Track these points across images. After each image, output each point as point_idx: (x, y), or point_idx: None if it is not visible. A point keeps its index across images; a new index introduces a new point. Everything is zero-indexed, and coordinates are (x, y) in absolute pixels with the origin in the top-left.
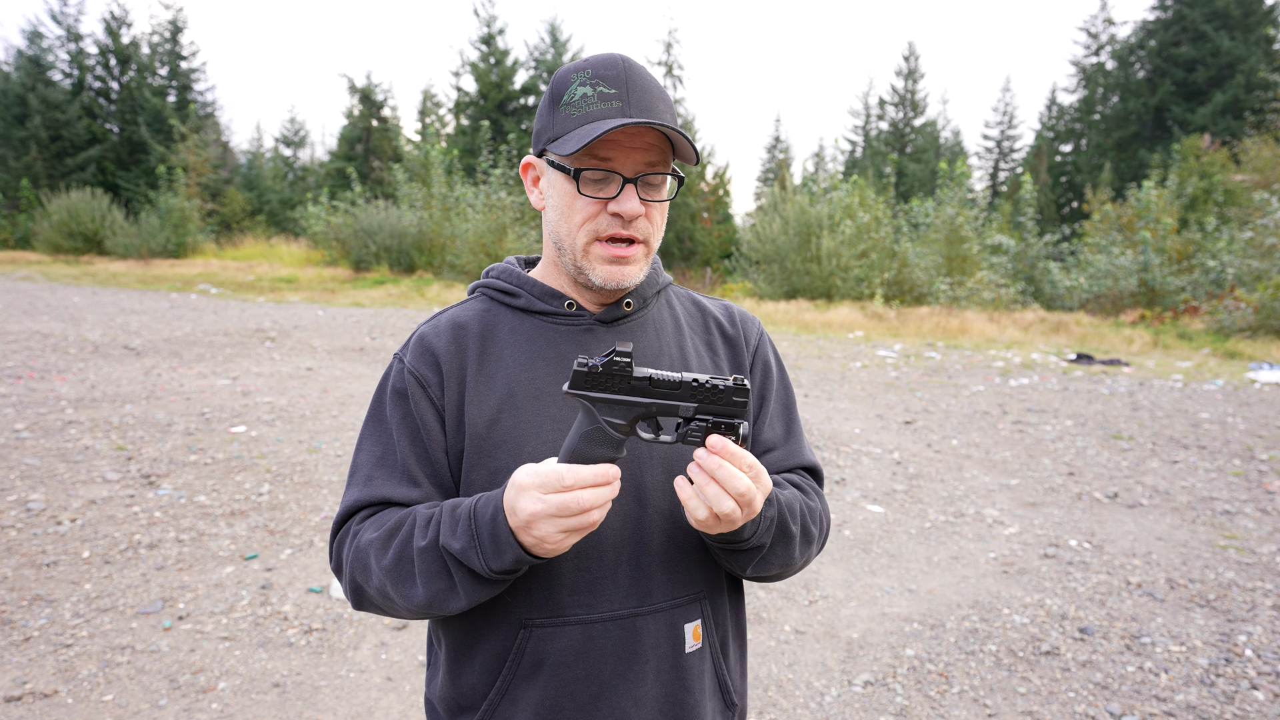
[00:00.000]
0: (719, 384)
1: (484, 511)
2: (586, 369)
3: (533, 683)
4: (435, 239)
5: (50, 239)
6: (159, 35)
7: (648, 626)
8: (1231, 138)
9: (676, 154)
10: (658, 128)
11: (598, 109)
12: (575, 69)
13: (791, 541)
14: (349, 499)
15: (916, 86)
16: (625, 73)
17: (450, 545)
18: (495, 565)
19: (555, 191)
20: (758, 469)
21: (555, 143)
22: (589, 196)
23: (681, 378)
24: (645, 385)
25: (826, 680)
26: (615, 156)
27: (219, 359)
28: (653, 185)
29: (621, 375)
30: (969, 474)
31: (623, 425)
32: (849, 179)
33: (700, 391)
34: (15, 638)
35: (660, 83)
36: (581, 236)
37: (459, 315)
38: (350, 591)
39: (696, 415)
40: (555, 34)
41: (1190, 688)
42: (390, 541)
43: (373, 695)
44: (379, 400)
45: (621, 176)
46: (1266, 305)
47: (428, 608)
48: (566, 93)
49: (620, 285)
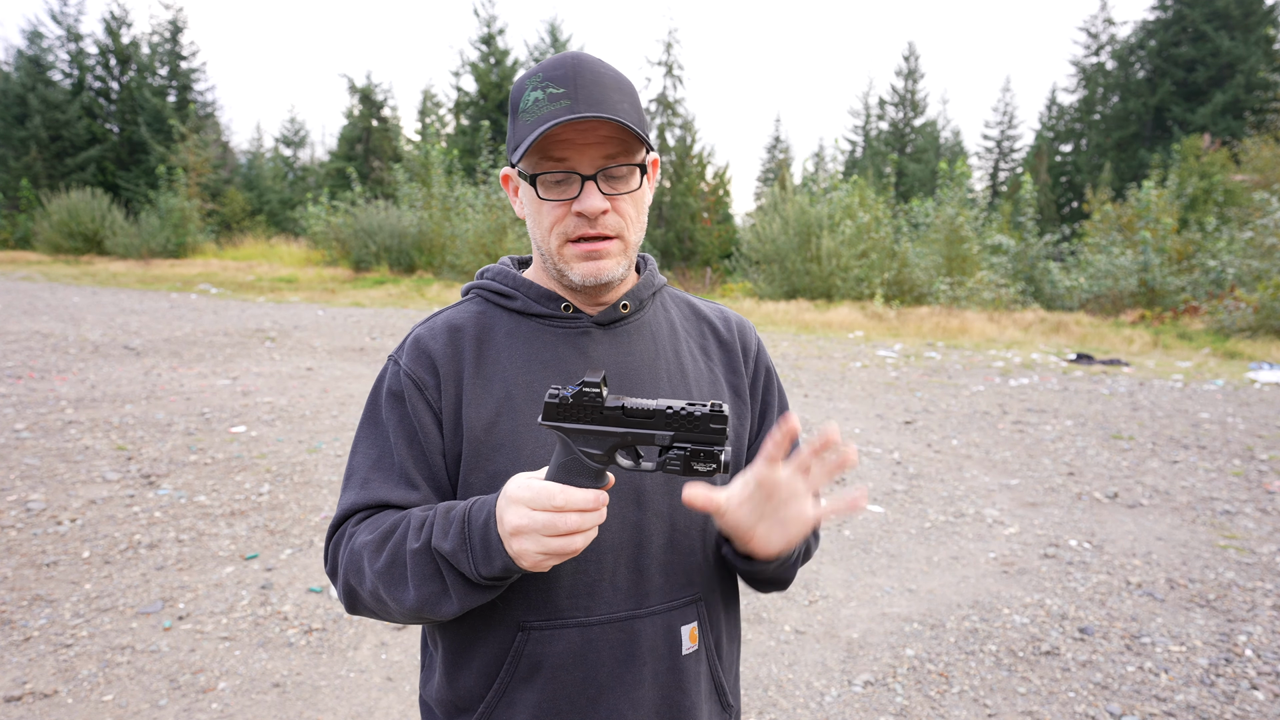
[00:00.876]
0: (695, 411)
1: (477, 516)
2: (557, 400)
3: (530, 685)
4: (435, 239)
5: (50, 239)
6: (159, 35)
7: (645, 629)
8: (1231, 138)
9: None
10: (603, 118)
11: (547, 110)
12: (529, 75)
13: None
14: (345, 502)
15: (916, 86)
16: (574, 70)
17: (442, 547)
18: (485, 571)
19: (526, 199)
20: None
21: (515, 152)
22: (550, 200)
23: (656, 406)
24: (619, 414)
25: (826, 680)
26: (570, 155)
27: (219, 359)
28: (616, 178)
29: (593, 406)
30: (969, 474)
31: (599, 455)
32: (849, 179)
33: (676, 420)
34: (15, 638)
35: (616, 71)
36: (554, 240)
37: (455, 317)
38: (344, 595)
39: (674, 444)
40: (555, 34)
41: (1190, 688)
42: (384, 544)
43: (373, 695)
44: (374, 403)
45: (580, 175)
46: (1266, 305)
47: (419, 611)
48: (522, 100)
49: (599, 280)
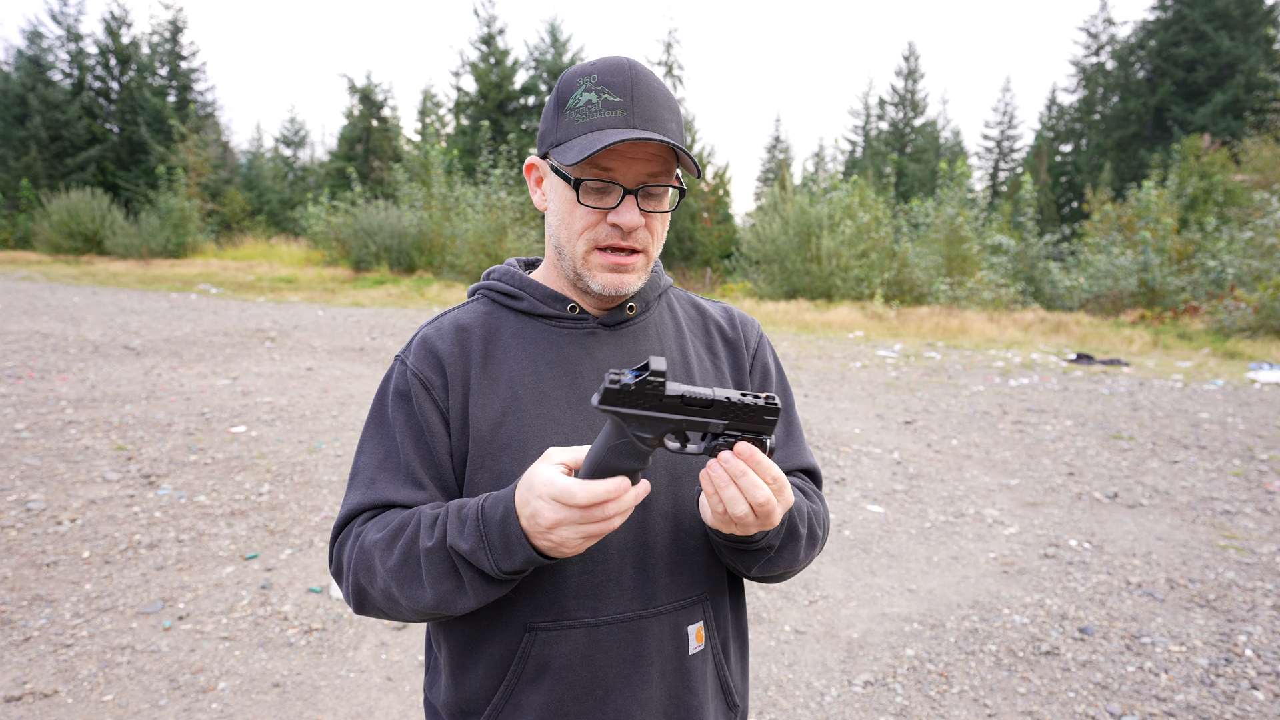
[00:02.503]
0: (750, 402)
1: (493, 512)
2: (619, 386)
3: (538, 686)
4: (435, 239)
5: (50, 239)
6: (159, 35)
7: (652, 629)
8: (1231, 138)
9: (680, 163)
10: (658, 140)
11: (601, 117)
12: (582, 72)
13: (799, 543)
14: (351, 502)
15: (916, 86)
16: (631, 80)
17: (459, 545)
18: (505, 566)
19: (556, 197)
20: (781, 482)
21: (558, 149)
22: (589, 206)
23: (714, 396)
24: (677, 403)
25: (826, 680)
26: (617, 167)
27: (219, 359)
28: (654, 196)
29: (654, 394)
30: (969, 474)
31: (651, 439)
32: (849, 179)
33: (731, 409)
34: (15, 638)
35: (666, 88)
36: (581, 245)
37: (462, 317)
38: (352, 594)
39: (726, 432)
40: (555, 34)
41: (1190, 688)
42: (395, 542)
43: (373, 695)
44: (380, 402)
45: (622, 188)
46: (1266, 305)
47: (435, 609)
48: (572, 97)
49: (619, 293)
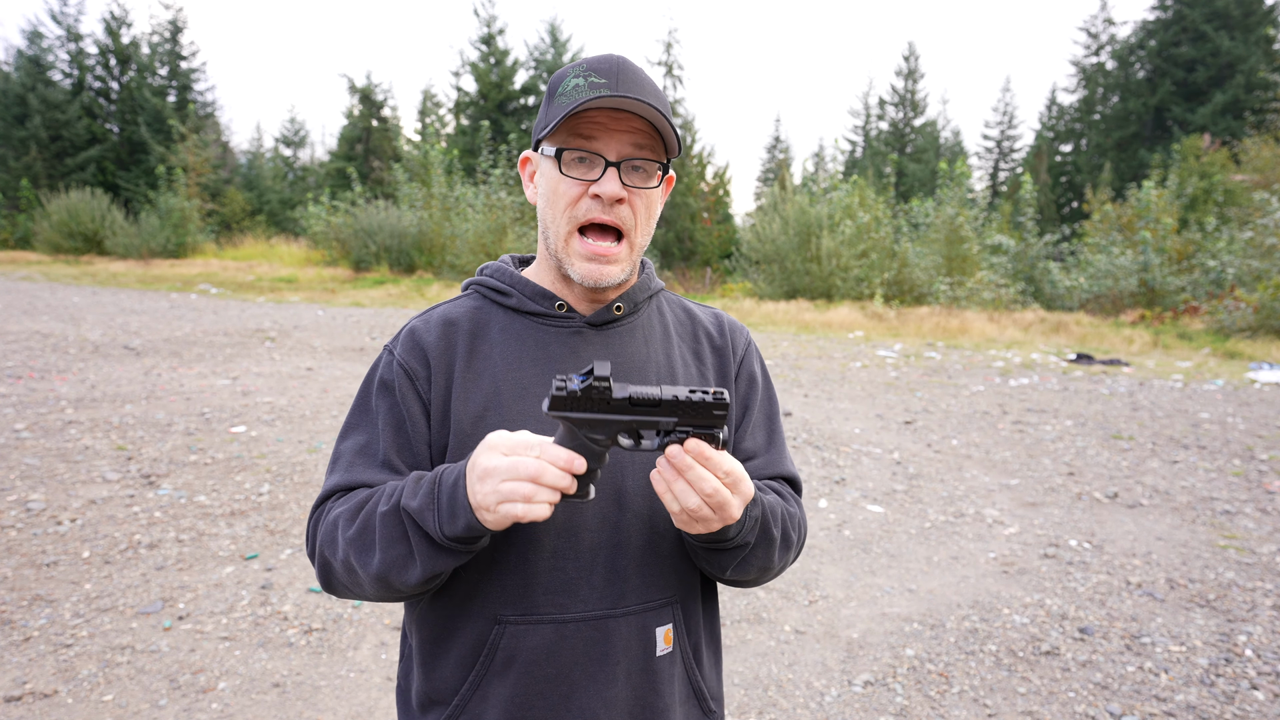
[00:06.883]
0: (698, 399)
1: (449, 476)
2: (565, 393)
3: (504, 679)
4: (435, 239)
5: (50, 239)
6: (159, 35)
7: (619, 628)
8: (1231, 138)
9: (664, 144)
10: (639, 113)
11: (586, 96)
12: (573, 66)
13: (772, 544)
14: (328, 484)
15: (916, 86)
16: (618, 66)
17: (409, 505)
18: (448, 530)
19: (544, 179)
20: (736, 475)
21: (543, 130)
22: (571, 177)
23: (661, 395)
24: (625, 405)
25: (826, 680)
26: (599, 136)
27: (219, 359)
28: (638, 170)
29: (602, 398)
30: (969, 474)
31: (603, 440)
32: (849, 179)
33: (680, 406)
34: (15, 638)
35: (658, 84)
36: (564, 223)
37: (450, 311)
38: (319, 570)
39: (677, 428)
40: (555, 34)
41: (1190, 688)
42: (358, 513)
43: (373, 695)
44: (366, 390)
45: (604, 159)
46: (1266, 305)
47: (385, 576)
48: (561, 85)
49: (598, 283)
